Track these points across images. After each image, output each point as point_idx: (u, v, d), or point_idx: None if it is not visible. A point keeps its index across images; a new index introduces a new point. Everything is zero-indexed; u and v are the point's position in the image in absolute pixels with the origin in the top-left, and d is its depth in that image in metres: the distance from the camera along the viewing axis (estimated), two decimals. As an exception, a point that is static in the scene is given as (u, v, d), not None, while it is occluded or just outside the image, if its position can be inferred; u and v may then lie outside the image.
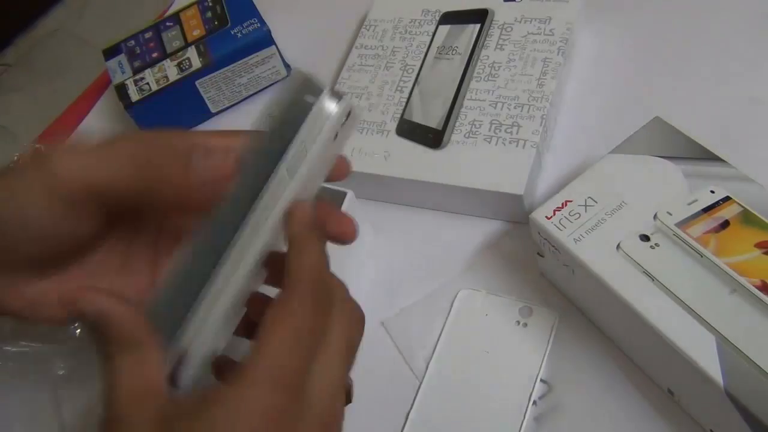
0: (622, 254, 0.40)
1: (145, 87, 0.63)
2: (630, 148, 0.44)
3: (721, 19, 0.57)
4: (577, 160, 0.51)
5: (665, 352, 0.38)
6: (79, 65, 1.45)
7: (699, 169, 0.42)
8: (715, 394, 0.35)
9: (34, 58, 2.01)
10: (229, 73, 0.64)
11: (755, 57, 0.54)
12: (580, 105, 0.56)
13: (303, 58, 0.68)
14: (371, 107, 0.57)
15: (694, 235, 0.39)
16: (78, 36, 2.00)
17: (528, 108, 0.52)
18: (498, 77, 0.55)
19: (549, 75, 0.53)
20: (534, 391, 0.44)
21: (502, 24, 0.58)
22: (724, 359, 0.35)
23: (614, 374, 0.44)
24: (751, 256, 0.38)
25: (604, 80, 0.57)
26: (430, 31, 0.60)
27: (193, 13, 0.66)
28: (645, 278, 0.39)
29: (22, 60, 2.02)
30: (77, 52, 1.92)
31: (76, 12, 2.07)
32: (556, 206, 0.43)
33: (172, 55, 0.64)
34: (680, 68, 0.55)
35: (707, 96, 0.53)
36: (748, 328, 0.36)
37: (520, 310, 0.47)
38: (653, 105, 0.49)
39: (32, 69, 1.99)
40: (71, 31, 2.03)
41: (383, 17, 0.63)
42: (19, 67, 2.01)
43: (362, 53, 0.61)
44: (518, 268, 0.49)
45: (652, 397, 0.42)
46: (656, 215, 0.41)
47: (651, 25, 0.59)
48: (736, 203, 0.40)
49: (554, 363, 0.45)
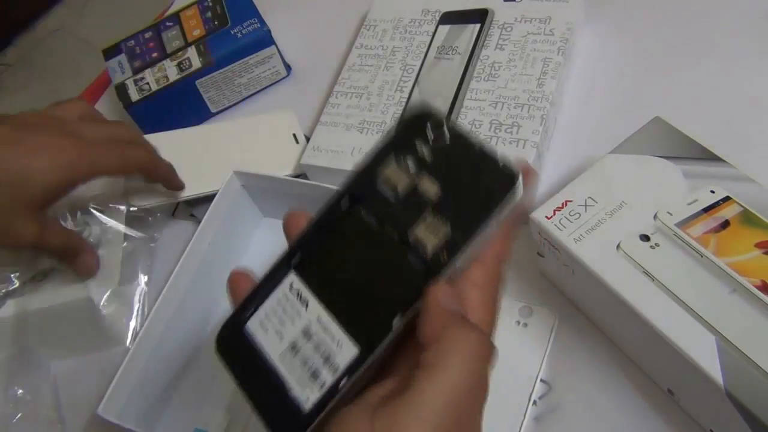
0: (622, 254, 0.40)
1: (145, 87, 0.63)
2: (630, 148, 0.44)
3: (721, 19, 0.57)
4: (577, 160, 0.51)
5: (665, 352, 0.37)
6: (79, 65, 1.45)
7: (699, 169, 0.42)
8: (715, 394, 0.35)
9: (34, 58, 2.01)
10: (229, 73, 0.64)
11: (755, 57, 0.54)
12: (580, 105, 0.56)
13: (303, 58, 0.68)
14: (371, 107, 0.57)
15: (694, 235, 0.39)
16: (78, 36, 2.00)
17: (528, 108, 0.52)
18: (498, 77, 0.55)
19: (549, 75, 0.53)
20: (534, 391, 0.44)
21: (502, 24, 0.58)
22: (724, 359, 0.35)
23: (614, 374, 0.44)
24: (751, 256, 0.38)
25: (604, 80, 0.57)
26: (430, 31, 0.60)
27: (193, 13, 0.66)
28: (645, 278, 0.39)
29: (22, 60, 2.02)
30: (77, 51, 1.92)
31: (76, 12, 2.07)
32: (556, 206, 0.43)
33: (172, 55, 0.64)
34: (680, 68, 0.55)
35: (707, 96, 0.53)
36: (748, 328, 0.36)
37: (520, 310, 0.47)
38: (653, 105, 0.49)
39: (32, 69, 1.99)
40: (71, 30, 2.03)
41: (383, 17, 0.63)
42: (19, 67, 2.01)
43: (362, 53, 0.61)
44: (518, 268, 0.49)
45: (652, 397, 0.42)
46: (656, 215, 0.41)
47: (651, 25, 0.59)
48: (736, 203, 0.40)
49: (554, 363, 0.45)
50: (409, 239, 0.29)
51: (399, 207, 0.30)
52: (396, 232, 0.29)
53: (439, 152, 0.30)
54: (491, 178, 0.28)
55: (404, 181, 0.30)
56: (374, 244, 0.30)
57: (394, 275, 0.29)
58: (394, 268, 0.29)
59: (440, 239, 0.28)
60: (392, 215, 0.30)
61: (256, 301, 0.31)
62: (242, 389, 0.30)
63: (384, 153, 0.31)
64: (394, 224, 0.29)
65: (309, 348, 0.29)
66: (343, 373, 0.28)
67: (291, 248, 0.32)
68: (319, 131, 0.58)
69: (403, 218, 0.29)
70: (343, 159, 0.55)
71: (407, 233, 0.29)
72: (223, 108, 0.67)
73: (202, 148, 0.60)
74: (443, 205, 0.29)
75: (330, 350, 0.29)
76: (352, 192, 0.31)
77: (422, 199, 0.29)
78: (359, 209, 0.30)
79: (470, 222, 0.28)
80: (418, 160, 0.30)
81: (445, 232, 0.28)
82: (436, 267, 0.28)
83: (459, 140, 0.30)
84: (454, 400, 0.26)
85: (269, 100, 0.67)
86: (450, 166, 0.29)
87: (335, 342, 0.29)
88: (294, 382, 0.29)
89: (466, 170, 0.29)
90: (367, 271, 0.30)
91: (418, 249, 0.29)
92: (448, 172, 0.29)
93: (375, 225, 0.30)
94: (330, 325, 0.29)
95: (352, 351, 0.28)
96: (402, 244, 0.29)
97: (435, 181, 0.29)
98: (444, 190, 0.29)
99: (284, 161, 0.59)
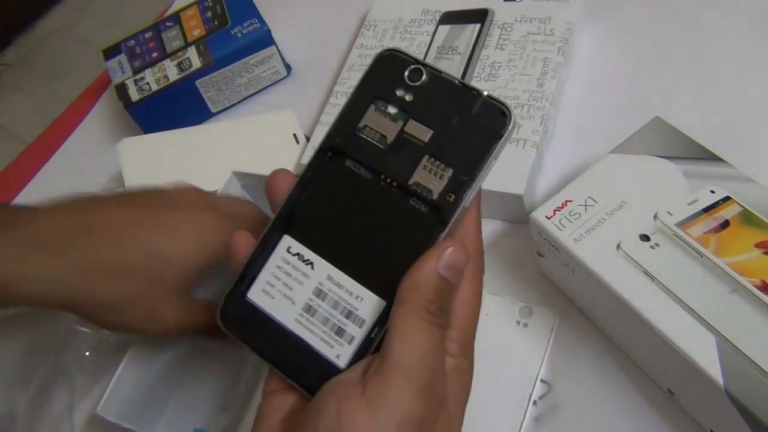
0: (622, 254, 0.40)
1: (145, 87, 0.63)
2: (630, 148, 0.44)
3: (720, 19, 0.57)
4: (577, 160, 0.51)
5: (665, 352, 0.37)
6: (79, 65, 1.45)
7: (699, 169, 0.42)
8: (715, 394, 0.35)
9: (34, 58, 2.01)
10: (229, 73, 0.64)
11: (755, 57, 0.54)
12: (580, 105, 0.56)
13: (303, 58, 0.68)
14: (371, 107, 0.57)
15: (694, 235, 0.39)
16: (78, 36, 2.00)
17: (528, 108, 0.52)
18: (498, 77, 0.55)
19: (549, 75, 0.53)
20: (534, 391, 0.44)
21: (502, 24, 0.58)
22: (724, 359, 0.35)
23: (614, 374, 0.44)
24: (751, 256, 0.38)
25: (604, 80, 0.57)
26: (430, 31, 0.60)
27: (193, 13, 0.66)
28: (645, 278, 0.39)
29: (22, 60, 2.02)
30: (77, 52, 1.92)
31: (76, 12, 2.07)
32: (556, 206, 0.43)
33: (172, 54, 0.64)
34: (680, 68, 0.55)
35: (707, 96, 0.53)
36: (748, 328, 0.36)
37: (520, 310, 0.47)
38: (653, 105, 0.49)
39: (32, 69, 1.99)
40: (71, 31, 2.03)
41: (383, 17, 0.63)
42: (19, 67, 2.01)
43: (362, 53, 0.61)
44: (518, 268, 0.49)
45: (652, 397, 0.42)
46: (656, 215, 0.41)
47: (651, 25, 0.59)
48: (736, 203, 0.40)
49: (554, 363, 0.45)
50: (409, 184, 0.29)
51: (390, 154, 0.29)
52: (392, 179, 0.29)
53: (419, 93, 0.29)
54: (483, 115, 0.28)
55: (390, 127, 0.30)
56: (371, 194, 0.30)
57: (401, 222, 0.29)
58: (398, 216, 0.29)
59: (445, 182, 0.28)
60: (384, 163, 0.29)
61: (253, 269, 0.31)
62: (265, 360, 0.30)
63: (360, 100, 0.30)
64: (389, 172, 0.29)
65: (326, 307, 0.29)
66: (373, 324, 0.28)
67: (281, 211, 0.31)
68: (319, 131, 0.58)
69: (397, 165, 0.29)
70: (343, 159, 0.55)
71: (406, 179, 0.29)
72: (223, 108, 0.67)
73: (202, 148, 0.60)
74: (438, 146, 0.29)
75: (350, 305, 0.29)
76: (334, 145, 0.30)
77: (414, 143, 0.29)
78: (345, 161, 0.30)
79: (472, 161, 0.28)
80: (400, 103, 0.30)
81: (449, 173, 0.28)
82: (445, 209, 0.28)
83: (437, 79, 0.29)
84: (427, 356, 0.27)
85: (269, 100, 0.67)
86: (435, 106, 0.29)
87: (354, 296, 0.29)
88: (318, 342, 0.29)
89: (454, 109, 0.29)
90: (369, 221, 0.30)
91: (421, 193, 0.29)
92: (435, 112, 0.29)
93: (367, 175, 0.30)
94: (344, 281, 0.29)
95: (375, 301, 0.29)
96: (401, 190, 0.29)
97: (423, 123, 0.29)
98: (436, 132, 0.29)
99: (284, 161, 0.59)
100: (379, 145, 0.30)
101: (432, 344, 0.27)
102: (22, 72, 1.99)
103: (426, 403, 0.26)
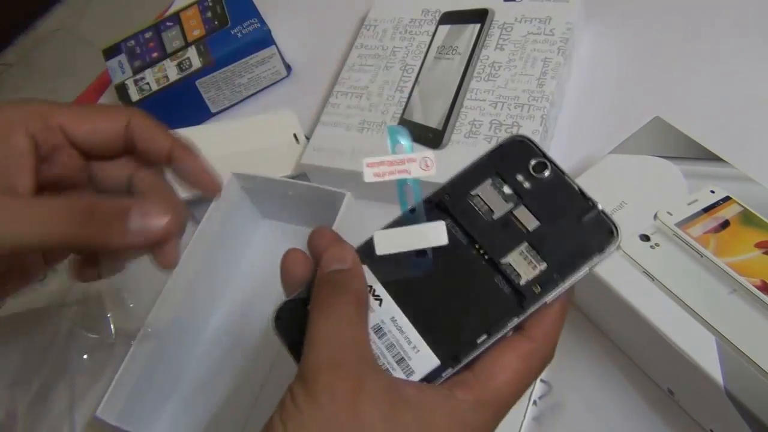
0: (622, 254, 0.40)
1: (145, 87, 0.63)
2: (630, 148, 0.44)
3: (721, 19, 0.57)
4: (577, 160, 0.51)
5: (665, 352, 0.37)
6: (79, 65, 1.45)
7: (699, 169, 0.42)
8: (715, 394, 0.35)
9: (34, 58, 2.01)
10: (229, 73, 0.64)
11: (755, 57, 0.54)
12: (580, 105, 0.56)
13: (303, 58, 0.68)
14: (371, 107, 0.57)
15: (694, 235, 0.39)
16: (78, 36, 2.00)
17: (528, 108, 0.52)
18: (498, 77, 0.55)
19: (549, 75, 0.53)
20: (534, 391, 0.44)
21: (502, 24, 0.58)
22: (724, 359, 0.35)
23: (614, 374, 0.43)
24: (751, 256, 0.38)
25: (604, 80, 0.57)
26: (430, 30, 0.60)
27: (193, 13, 0.66)
28: (645, 278, 0.39)
29: (22, 60, 2.02)
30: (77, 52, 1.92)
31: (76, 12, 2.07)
32: (556, 206, 0.43)
33: (172, 54, 0.64)
34: (680, 68, 0.55)
35: (707, 96, 0.53)
36: (748, 328, 0.36)
37: (520, 310, 0.47)
38: (653, 105, 0.48)
39: (32, 69, 1.99)
40: (72, 30, 2.03)
41: (383, 17, 0.63)
42: (19, 67, 2.01)
43: (362, 53, 0.61)
44: (518, 268, 0.49)
45: (652, 397, 0.42)
46: (656, 215, 0.41)
47: (651, 25, 0.59)
48: (736, 203, 0.40)
49: (554, 363, 0.44)
50: (501, 262, 0.29)
51: (492, 229, 0.30)
52: (486, 252, 0.30)
53: (538, 185, 0.30)
54: (592, 226, 0.29)
55: (500, 204, 0.31)
56: (459, 257, 0.30)
57: (479, 294, 0.29)
58: (478, 287, 0.29)
59: (536, 272, 0.29)
60: (483, 234, 0.30)
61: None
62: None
63: (480, 171, 0.31)
64: (485, 244, 0.30)
65: (380, 345, 0.29)
66: (421, 379, 0.28)
67: (364, 242, 0.31)
68: (319, 131, 0.58)
69: (495, 241, 0.30)
70: (343, 159, 0.55)
71: (499, 256, 0.29)
72: (223, 108, 0.67)
73: (202, 148, 0.60)
74: (540, 239, 0.29)
75: (405, 352, 0.29)
76: (442, 201, 0.31)
77: (518, 228, 0.30)
78: (446, 219, 0.31)
79: (568, 264, 0.29)
80: (516, 187, 0.31)
81: (542, 266, 0.29)
82: (527, 297, 0.29)
83: (559, 179, 0.30)
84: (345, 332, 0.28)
85: (269, 100, 0.67)
86: (549, 201, 0.30)
87: (411, 345, 0.29)
88: None
89: (566, 211, 0.30)
90: (449, 282, 0.30)
91: (509, 275, 0.29)
92: (547, 207, 0.30)
93: (463, 240, 0.30)
94: (406, 327, 0.29)
95: (431, 360, 0.29)
96: (490, 264, 0.30)
97: (533, 212, 0.30)
98: (543, 225, 0.30)
99: (285, 161, 0.59)
100: (484, 217, 0.31)
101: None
102: (22, 72, 1.99)
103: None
